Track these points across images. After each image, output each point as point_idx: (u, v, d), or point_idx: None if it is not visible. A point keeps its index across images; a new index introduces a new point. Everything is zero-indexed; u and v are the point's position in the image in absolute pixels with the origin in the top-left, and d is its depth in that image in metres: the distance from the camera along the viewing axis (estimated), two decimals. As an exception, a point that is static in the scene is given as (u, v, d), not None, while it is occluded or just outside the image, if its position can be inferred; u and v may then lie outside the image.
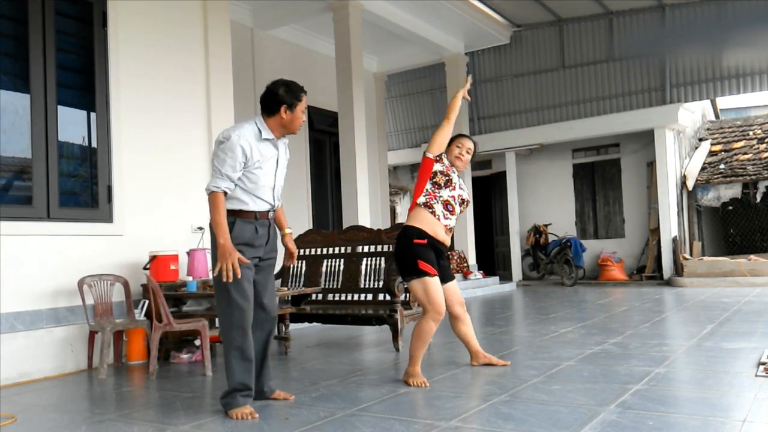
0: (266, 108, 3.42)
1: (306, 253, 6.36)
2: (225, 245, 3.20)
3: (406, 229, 3.99)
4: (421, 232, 3.93)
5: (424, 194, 4.01)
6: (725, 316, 6.41)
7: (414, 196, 4.08)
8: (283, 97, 3.38)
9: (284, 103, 3.39)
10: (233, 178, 3.30)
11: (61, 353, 4.93)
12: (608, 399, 3.29)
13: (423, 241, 3.91)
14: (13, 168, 4.89)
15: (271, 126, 3.43)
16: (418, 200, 4.00)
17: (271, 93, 3.41)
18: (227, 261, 3.19)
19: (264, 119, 3.44)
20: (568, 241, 11.85)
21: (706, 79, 11.03)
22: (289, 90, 3.41)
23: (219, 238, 3.21)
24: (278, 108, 3.39)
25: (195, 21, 6.21)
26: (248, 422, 3.19)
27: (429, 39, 10.43)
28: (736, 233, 12.75)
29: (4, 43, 4.87)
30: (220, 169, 3.27)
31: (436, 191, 4.00)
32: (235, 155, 3.26)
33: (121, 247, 5.40)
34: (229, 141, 3.27)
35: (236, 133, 3.30)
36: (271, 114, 3.42)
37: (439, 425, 2.97)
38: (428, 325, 3.91)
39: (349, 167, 8.45)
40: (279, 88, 3.41)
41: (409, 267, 3.92)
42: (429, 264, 3.88)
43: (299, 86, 3.48)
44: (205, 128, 6.21)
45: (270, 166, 3.44)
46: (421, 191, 4.03)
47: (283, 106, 3.39)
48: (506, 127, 12.85)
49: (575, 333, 5.73)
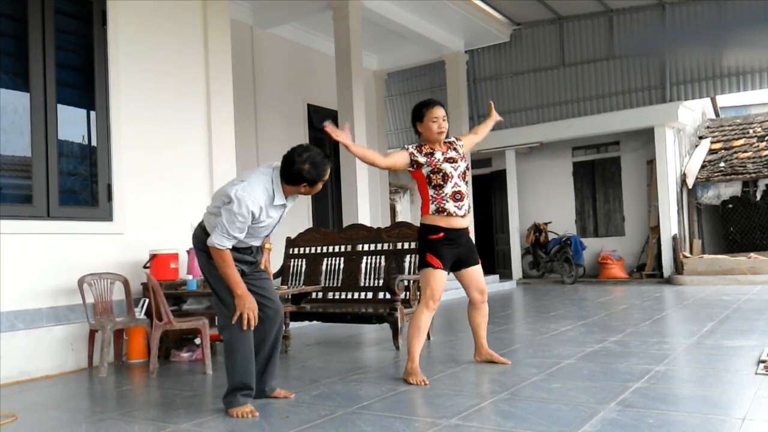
0: (286, 177, 3.27)
1: (306, 252, 6.36)
2: (243, 296, 3.21)
3: (422, 226, 4.14)
4: (437, 228, 4.03)
5: (432, 202, 4.04)
6: (725, 314, 6.41)
7: (423, 205, 4.10)
8: (306, 176, 3.25)
9: (305, 181, 3.27)
10: (239, 239, 3.26)
11: (62, 352, 4.93)
12: (608, 397, 3.30)
13: (438, 235, 4.02)
14: (13, 166, 4.88)
15: (287, 191, 3.33)
16: (430, 209, 4.05)
17: (294, 168, 3.23)
18: (246, 310, 3.21)
19: (282, 183, 3.30)
20: (568, 239, 11.85)
21: (706, 77, 11.03)
22: (314, 168, 3.25)
23: (236, 290, 3.21)
24: (299, 183, 3.28)
25: (195, 19, 6.20)
26: (248, 420, 3.19)
27: (429, 37, 10.42)
28: (736, 231, 12.75)
29: (3, 42, 4.87)
30: (228, 230, 3.19)
31: (440, 192, 4.01)
32: (245, 219, 3.19)
33: (121, 245, 5.40)
34: (242, 205, 3.16)
35: (251, 198, 3.18)
36: (289, 184, 3.29)
37: (439, 423, 2.97)
38: (421, 315, 3.99)
39: (349, 166, 8.45)
40: (303, 165, 3.22)
41: (420, 259, 4.13)
42: (435, 257, 4.01)
43: (325, 162, 3.30)
44: (204, 126, 6.20)
45: (273, 222, 3.40)
46: (428, 199, 4.06)
47: (305, 184, 3.28)
48: (506, 125, 12.82)
49: (575, 331, 5.73)
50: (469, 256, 4.19)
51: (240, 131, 7.35)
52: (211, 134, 6.22)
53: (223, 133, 6.32)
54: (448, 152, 4.06)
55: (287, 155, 3.27)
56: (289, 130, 9.72)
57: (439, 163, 3.99)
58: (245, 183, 3.25)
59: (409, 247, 5.74)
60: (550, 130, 12.32)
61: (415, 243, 5.77)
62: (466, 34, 11.27)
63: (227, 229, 3.19)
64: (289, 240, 6.56)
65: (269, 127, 9.35)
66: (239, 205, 3.16)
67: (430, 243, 4.03)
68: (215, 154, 6.22)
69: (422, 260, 4.08)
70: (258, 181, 3.28)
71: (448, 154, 4.05)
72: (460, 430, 2.86)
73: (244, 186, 3.22)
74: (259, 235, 3.41)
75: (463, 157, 4.11)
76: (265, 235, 3.48)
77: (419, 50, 11.37)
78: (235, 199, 3.17)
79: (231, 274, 3.20)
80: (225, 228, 3.19)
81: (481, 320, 4.35)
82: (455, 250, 4.08)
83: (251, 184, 3.24)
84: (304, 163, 3.22)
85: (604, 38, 11.56)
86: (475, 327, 4.38)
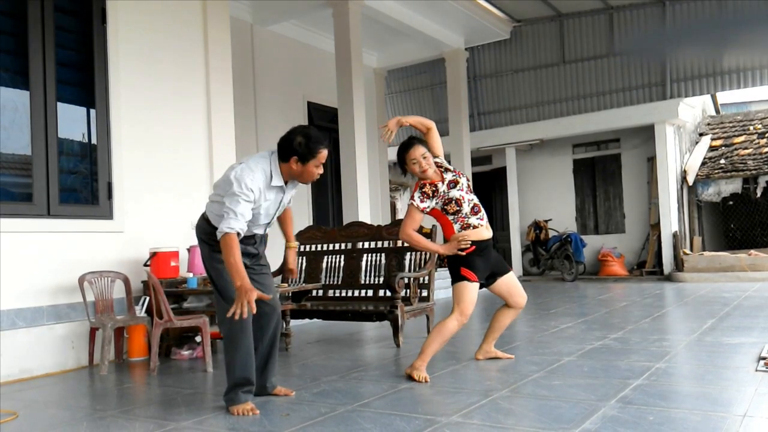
0: (280, 152, 3.26)
1: (306, 249, 6.36)
2: (243, 286, 3.02)
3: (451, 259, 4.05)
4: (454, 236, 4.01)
5: (455, 223, 4.00)
6: (725, 311, 6.41)
7: (446, 230, 4.05)
8: (296, 147, 3.21)
9: (296, 154, 3.21)
10: (247, 219, 3.19)
11: (62, 350, 4.94)
12: (609, 394, 3.30)
13: (470, 248, 3.97)
14: (13, 165, 4.88)
15: (283, 171, 3.29)
16: (455, 229, 4.00)
17: (287, 139, 3.23)
18: (243, 300, 3.01)
19: (280, 164, 3.28)
20: (569, 236, 11.84)
21: (706, 74, 11.02)
22: (307, 142, 3.21)
23: (236, 280, 3.05)
24: (289, 157, 3.24)
25: (195, 17, 6.19)
26: (249, 418, 3.19)
27: (429, 34, 10.41)
28: (737, 228, 12.74)
29: (3, 40, 4.86)
30: (235, 210, 3.12)
31: (459, 215, 3.98)
32: (248, 197, 3.16)
33: (121, 243, 5.40)
34: (241, 184, 3.14)
35: (249, 177, 3.17)
36: (283, 160, 3.27)
37: (439, 420, 2.97)
38: (451, 323, 3.95)
39: (349, 163, 8.44)
40: (296, 136, 3.21)
41: (454, 273, 4.03)
42: (471, 270, 3.97)
43: (320, 139, 3.25)
44: (205, 124, 6.20)
45: (271, 206, 3.37)
46: (450, 224, 4.01)
47: (294, 157, 3.22)
48: (506, 122, 12.83)
49: (576, 328, 5.73)
50: (501, 266, 4.20)
51: (240, 128, 7.35)
52: (212, 132, 6.21)
53: (223, 131, 6.32)
54: (446, 178, 4.01)
55: (282, 139, 3.28)
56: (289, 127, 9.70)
57: (446, 194, 3.96)
58: (243, 164, 3.26)
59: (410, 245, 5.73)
60: (550, 128, 12.32)
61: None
62: (467, 32, 11.26)
63: (234, 210, 3.12)
64: (290, 238, 6.55)
65: (269, 125, 9.34)
66: (239, 185, 3.15)
67: (463, 257, 3.97)
68: (215, 152, 6.22)
69: (456, 275, 4.01)
70: (256, 162, 3.27)
71: (447, 178, 4.00)
72: (461, 427, 2.87)
73: (242, 167, 3.23)
74: (258, 221, 3.37)
75: (459, 173, 4.08)
76: (265, 222, 3.44)
77: (419, 47, 11.36)
78: (234, 181, 3.16)
79: (235, 263, 3.08)
80: (231, 210, 3.13)
81: (506, 322, 4.39)
82: (488, 262, 4.07)
83: (249, 165, 3.24)
84: (297, 134, 3.22)
85: (605, 35, 11.55)
86: (498, 327, 4.39)
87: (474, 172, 12.78)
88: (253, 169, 3.22)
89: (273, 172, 3.28)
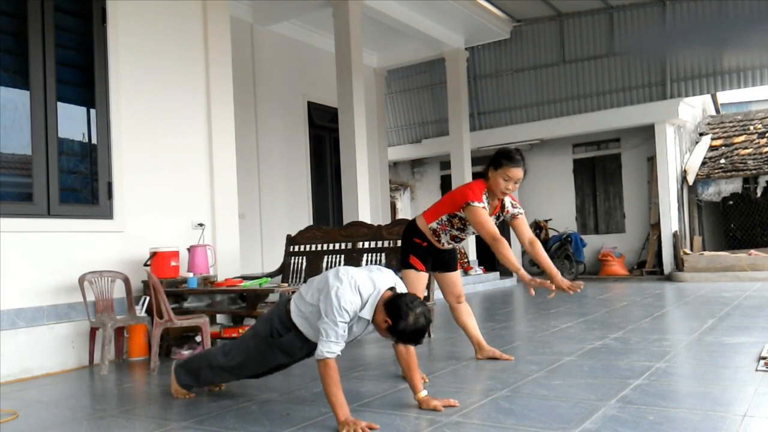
0: (390, 307, 3.01)
1: (306, 249, 6.36)
2: (347, 420, 2.89)
3: (413, 226, 4.21)
4: (424, 236, 4.16)
5: (437, 222, 4.11)
6: (726, 311, 6.41)
7: (429, 213, 4.16)
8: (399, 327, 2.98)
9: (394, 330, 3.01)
10: (346, 339, 3.06)
11: (63, 350, 4.94)
12: (609, 394, 3.30)
13: (423, 244, 4.15)
14: (13, 165, 4.88)
15: (377, 314, 3.08)
16: (430, 225, 4.14)
17: (398, 313, 2.98)
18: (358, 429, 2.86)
19: (379, 304, 3.06)
20: (569, 236, 11.85)
21: (706, 74, 11.02)
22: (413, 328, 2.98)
23: (339, 414, 2.91)
24: (389, 318, 3.00)
25: (195, 16, 6.20)
26: (250, 417, 3.19)
27: (429, 34, 10.41)
28: (737, 228, 12.74)
29: (3, 40, 4.86)
30: (336, 333, 2.98)
31: (447, 226, 4.10)
32: (345, 319, 2.99)
33: (121, 243, 5.40)
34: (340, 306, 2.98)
35: (350, 303, 3.00)
36: (385, 311, 3.03)
37: (439, 420, 2.97)
38: None
39: (349, 163, 8.44)
40: (408, 319, 2.96)
41: (403, 258, 4.21)
42: (419, 260, 4.13)
43: (423, 331, 3.03)
44: (205, 124, 6.20)
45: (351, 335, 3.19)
46: (436, 217, 4.11)
47: (389, 325, 3.02)
48: (506, 122, 12.83)
49: (576, 328, 5.73)
50: (450, 263, 4.32)
51: (240, 129, 7.35)
52: (212, 132, 6.21)
53: (223, 131, 6.32)
54: (496, 211, 4.12)
55: (401, 299, 3.02)
56: (289, 127, 9.72)
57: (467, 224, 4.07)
58: (345, 284, 3.05)
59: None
60: (550, 127, 12.32)
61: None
62: (467, 31, 11.26)
63: (336, 332, 2.98)
64: (290, 237, 6.56)
65: (269, 125, 9.34)
66: (338, 309, 2.98)
67: (415, 246, 4.14)
68: (215, 152, 6.22)
69: (405, 260, 4.18)
70: (358, 285, 3.08)
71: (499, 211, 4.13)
72: (461, 427, 2.87)
73: (344, 288, 3.03)
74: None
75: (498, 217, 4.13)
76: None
77: (419, 47, 11.36)
78: (334, 299, 2.99)
79: (336, 394, 2.94)
80: (333, 332, 2.98)
81: (466, 318, 4.41)
82: (437, 259, 4.24)
83: (351, 287, 3.05)
84: (413, 316, 2.96)
85: (605, 35, 11.55)
86: (464, 327, 4.43)
87: (474, 171, 12.76)
88: (353, 294, 3.04)
89: (368, 304, 3.07)
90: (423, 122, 13.93)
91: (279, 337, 3.29)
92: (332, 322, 2.98)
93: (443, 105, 12.70)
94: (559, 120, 12.19)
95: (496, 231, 3.89)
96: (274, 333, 3.30)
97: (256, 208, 8.93)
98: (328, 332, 2.98)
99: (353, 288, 3.05)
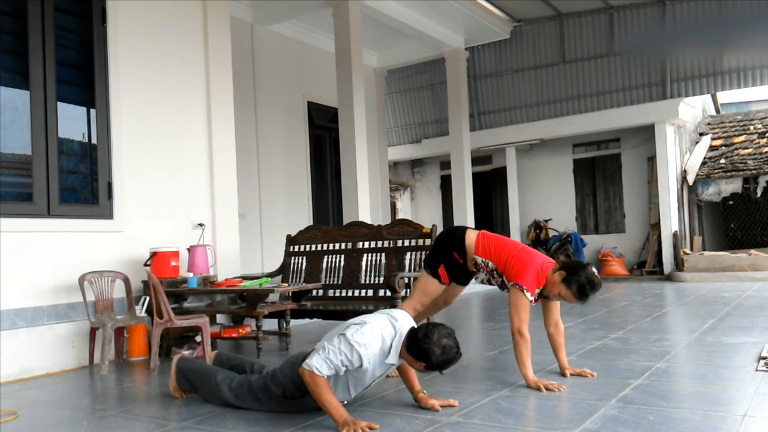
0: (410, 348, 3.02)
1: (306, 249, 6.36)
2: (345, 420, 2.88)
3: (460, 239, 3.95)
4: (465, 254, 3.93)
5: (482, 260, 3.85)
6: (726, 311, 6.41)
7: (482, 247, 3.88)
8: (432, 358, 2.97)
9: (428, 363, 3.00)
10: (339, 372, 3.03)
11: (63, 350, 4.94)
12: (609, 394, 3.30)
13: (460, 260, 3.94)
14: (14, 165, 4.88)
15: (402, 356, 3.08)
16: (476, 255, 3.87)
17: (425, 346, 2.96)
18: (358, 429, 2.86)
19: (403, 348, 3.05)
20: (569, 236, 11.84)
21: (706, 74, 11.01)
22: (444, 357, 2.98)
23: (336, 418, 2.91)
24: (419, 360, 3.01)
25: (195, 16, 6.20)
26: (250, 417, 3.19)
27: (429, 34, 10.41)
28: (737, 228, 12.74)
29: (3, 40, 4.86)
30: (333, 360, 2.97)
31: (487, 270, 3.89)
32: (350, 361, 2.97)
33: (121, 243, 5.40)
34: (353, 345, 2.96)
35: (365, 346, 2.97)
36: (410, 354, 3.03)
37: (440, 420, 2.97)
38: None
39: (349, 163, 8.44)
40: (437, 348, 2.95)
41: (432, 262, 3.99)
42: (447, 273, 3.95)
43: (456, 356, 3.02)
44: (205, 124, 6.20)
45: (370, 379, 3.17)
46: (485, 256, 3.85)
47: (423, 364, 3.02)
48: (506, 122, 12.83)
49: (576, 328, 5.73)
50: (468, 279, 4.17)
51: (240, 129, 7.34)
52: (212, 132, 6.21)
53: (223, 131, 6.32)
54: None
55: (428, 328, 3.02)
56: (289, 127, 9.72)
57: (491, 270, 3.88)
58: (366, 328, 3.04)
59: (410, 245, 5.74)
60: (550, 127, 12.32)
61: (415, 241, 5.77)
62: (467, 31, 11.26)
63: (331, 359, 2.97)
64: (290, 237, 6.56)
65: (269, 125, 9.34)
66: (350, 346, 2.97)
67: (451, 260, 3.94)
68: (215, 153, 6.22)
69: (433, 266, 3.97)
70: (379, 330, 3.06)
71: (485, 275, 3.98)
72: (461, 427, 2.87)
73: (362, 332, 3.01)
74: (363, 382, 3.17)
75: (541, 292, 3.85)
76: (358, 390, 3.22)
77: (419, 47, 11.36)
78: (354, 342, 2.97)
79: (329, 399, 2.94)
80: (328, 357, 2.98)
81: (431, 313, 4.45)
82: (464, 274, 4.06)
83: (372, 331, 3.03)
84: (438, 346, 2.95)
85: (605, 35, 11.55)
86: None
87: (474, 171, 12.76)
88: (373, 337, 3.02)
89: (393, 348, 3.06)
90: (423, 122, 13.93)
91: (293, 399, 3.21)
92: (338, 350, 2.97)
93: (443, 105, 12.70)
94: (559, 120, 12.19)
95: (525, 326, 3.66)
96: (287, 395, 3.22)
97: (256, 208, 8.92)
98: (329, 354, 2.97)
99: (374, 332, 3.02)
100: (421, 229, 5.76)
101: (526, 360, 3.58)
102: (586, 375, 3.75)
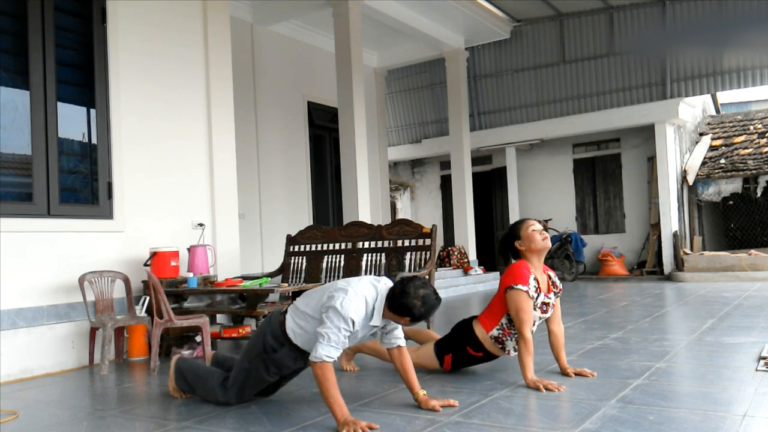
0: (392, 305, 3.10)
1: (306, 249, 6.36)
2: (346, 420, 2.89)
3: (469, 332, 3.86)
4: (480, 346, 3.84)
5: (497, 328, 3.76)
6: (726, 311, 6.41)
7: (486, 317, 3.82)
8: (414, 311, 3.06)
9: (412, 315, 3.09)
10: (343, 347, 3.06)
11: (63, 350, 4.94)
12: (609, 394, 3.30)
13: (477, 354, 3.85)
14: (14, 164, 4.88)
15: (386, 317, 3.16)
16: (491, 332, 3.78)
17: (406, 300, 3.06)
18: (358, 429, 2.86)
19: (385, 309, 3.13)
20: (569, 236, 11.84)
21: (706, 74, 11.02)
22: (424, 306, 3.08)
23: (338, 416, 2.92)
24: (403, 315, 3.10)
25: (195, 17, 6.20)
26: (250, 417, 3.19)
27: (429, 34, 10.42)
28: (737, 228, 12.75)
29: (3, 40, 4.86)
30: (336, 340, 3.00)
31: (510, 330, 3.77)
32: (348, 329, 3.02)
33: (121, 243, 5.40)
34: (346, 315, 3.00)
35: (354, 309, 3.02)
36: (393, 312, 3.11)
37: (440, 420, 2.97)
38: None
39: (349, 163, 8.45)
40: (417, 300, 3.05)
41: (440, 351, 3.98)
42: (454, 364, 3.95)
43: (436, 303, 3.11)
44: (205, 123, 6.20)
45: (359, 333, 3.19)
46: (495, 321, 3.77)
47: (407, 318, 3.11)
48: (506, 122, 12.84)
49: (576, 328, 5.73)
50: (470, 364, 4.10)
51: (240, 129, 7.35)
52: (212, 132, 6.22)
53: (223, 131, 6.32)
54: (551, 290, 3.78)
55: (403, 283, 3.10)
56: (289, 127, 9.73)
57: (535, 300, 3.66)
58: (350, 291, 3.09)
59: (410, 245, 5.74)
60: (550, 127, 12.33)
61: (415, 241, 5.78)
62: (467, 31, 11.26)
63: (332, 337, 3.00)
64: (290, 237, 6.56)
65: (269, 125, 9.35)
66: (345, 313, 3.00)
67: (464, 355, 3.88)
68: (215, 152, 6.22)
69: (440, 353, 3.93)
70: (362, 293, 3.12)
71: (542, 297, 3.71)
72: (461, 427, 2.87)
73: (348, 297, 3.06)
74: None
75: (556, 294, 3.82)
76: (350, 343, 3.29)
77: (419, 47, 11.37)
78: (340, 308, 3.00)
79: (334, 396, 2.95)
80: (329, 336, 3.00)
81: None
82: None
83: (356, 294, 3.08)
84: (417, 298, 3.05)
85: (605, 35, 11.56)
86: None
87: (474, 171, 12.78)
88: (359, 302, 3.08)
89: (376, 311, 3.13)
90: (423, 122, 13.93)
91: (273, 352, 3.28)
92: (336, 327, 2.99)
93: (443, 105, 12.70)
94: (560, 120, 12.20)
95: (527, 328, 3.57)
96: (268, 348, 3.28)
97: (256, 208, 8.93)
98: (330, 336, 2.99)
99: (358, 296, 3.07)
100: (421, 229, 5.77)
101: (527, 362, 3.55)
102: (586, 375, 3.75)
